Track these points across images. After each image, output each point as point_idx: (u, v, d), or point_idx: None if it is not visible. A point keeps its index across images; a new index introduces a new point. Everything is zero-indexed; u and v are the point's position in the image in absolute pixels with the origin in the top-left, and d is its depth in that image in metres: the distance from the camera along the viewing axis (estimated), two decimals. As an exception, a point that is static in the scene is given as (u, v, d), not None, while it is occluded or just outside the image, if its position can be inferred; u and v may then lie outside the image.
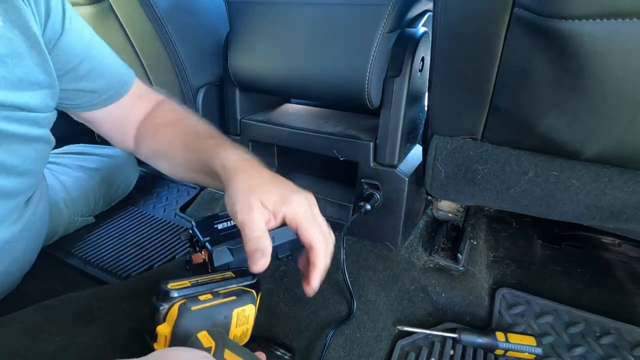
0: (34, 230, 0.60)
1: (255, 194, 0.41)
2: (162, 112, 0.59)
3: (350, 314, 0.57)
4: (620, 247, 0.72)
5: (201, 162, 0.50)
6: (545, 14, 0.35)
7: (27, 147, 0.49)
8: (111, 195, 0.87)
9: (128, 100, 0.58)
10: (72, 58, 0.50)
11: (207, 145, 0.50)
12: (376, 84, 0.61)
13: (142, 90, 0.60)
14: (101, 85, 0.54)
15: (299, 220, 0.41)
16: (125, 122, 0.59)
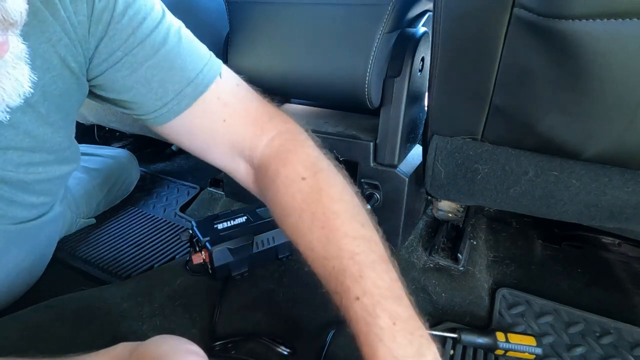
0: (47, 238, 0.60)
1: None
2: (282, 183, 0.42)
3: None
4: (620, 247, 0.72)
5: (343, 314, 0.37)
6: (545, 14, 0.35)
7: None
8: (112, 195, 0.87)
9: (205, 119, 0.44)
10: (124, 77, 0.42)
11: (353, 312, 0.36)
12: (376, 84, 0.61)
13: (232, 113, 0.45)
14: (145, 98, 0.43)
15: None
16: (223, 149, 0.47)
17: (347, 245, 0.37)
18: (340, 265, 0.37)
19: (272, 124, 0.46)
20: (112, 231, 0.81)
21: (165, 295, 0.59)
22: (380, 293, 0.35)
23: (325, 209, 0.39)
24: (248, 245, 0.64)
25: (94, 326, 0.52)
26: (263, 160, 0.45)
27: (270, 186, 0.43)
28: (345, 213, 0.40)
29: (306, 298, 0.61)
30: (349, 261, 0.36)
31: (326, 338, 0.53)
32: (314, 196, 0.40)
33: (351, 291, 0.35)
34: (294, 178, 0.41)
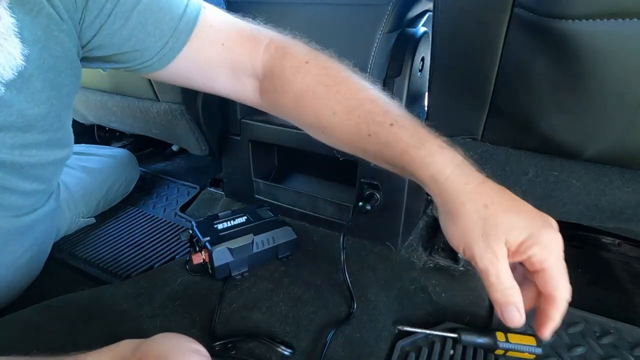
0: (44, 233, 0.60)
1: (498, 235, 0.34)
2: (290, 72, 0.45)
3: (350, 314, 0.57)
4: (620, 247, 0.72)
5: (386, 156, 0.41)
6: (546, 14, 0.35)
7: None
8: (112, 195, 0.87)
9: (208, 50, 0.46)
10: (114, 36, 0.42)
11: (395, 137, 0.39)
12: (376, 84, 0.62)
13: (228, 36, 0.47)
14: (147, 43, 0.43)
15: (548, 267, 0.35)
16: (227, 72, 0.48)
17: (365, 94, 0.42)
18: (364, 110, 0.41)
19: (262, 35, 0.48)
20: (112, 231, 0.81)
21: (165, 295, 0.60)
22: (407, 117, 0.40)
23: (335, 77, 0.44)
24: (248, 245, 0.64)
25: (94, 326, 0.52)
26: (266, 66, 0.47)
27: (278, 83, 0.46)
28: (353, 76, 0.44)
29: (306, 298, 0.61)
30: (370, 104, 0.41)
31: (326, 338, 0.53)
32: (321, 72, 0.44)
33: (383, 123, 0.39)
34: (298, 65, 0.45)
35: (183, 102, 0.81)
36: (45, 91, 0.43)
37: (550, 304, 0.36)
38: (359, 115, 0.41)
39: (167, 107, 0.84)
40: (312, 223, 0.80)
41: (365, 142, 0.42)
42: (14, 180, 0.46)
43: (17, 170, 0.46)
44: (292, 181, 0.87)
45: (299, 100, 0.45)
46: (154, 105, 0.86)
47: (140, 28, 0.42)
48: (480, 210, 0.35)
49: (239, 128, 0.82)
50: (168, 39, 0.44)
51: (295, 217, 0.81)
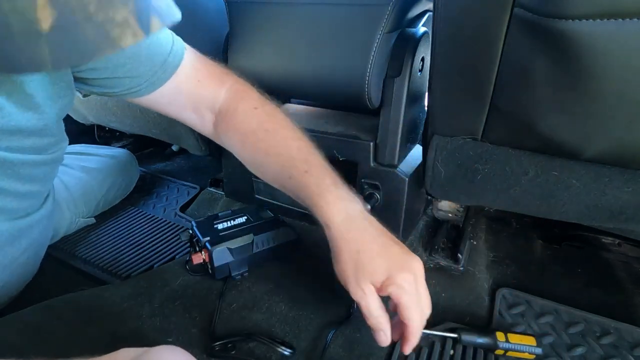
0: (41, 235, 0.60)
1: (365, 277, 0.43)
2: (242, 115, 0.54)
3: (350, 314, 0.57)
4: (620, 247, 0.72)
5: (300, 197, 0.50)
6: (545, 14, 0.35)
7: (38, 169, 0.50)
8: (112, 195, 0.87)
9: (186, 83, 0.53)
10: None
11: (307, 184, 0.48)
12: (376, 84, 0.61)
13: (203, 74, 0.54)
14: (139, 71, 0.48)
15: (402, 303, 0.42)
16: (193, 107, 0.55)
17: (294, 143, 0.51)
18: (290, 156, 0.50)
19: (227, 77, 0.57)
20: (112, 231, 0.81)
21: (165, 295, 0.60)
22: (321, 166, 0.49)
23: (275, 124, 0.53)
24: (248, 245, 0.64)
25: (94, 326, 0.52)
26: (223, 104, 0.55)
27: (230, 122, 0.55)
28: (290, 126, 0.54)
29: (306, 298, 0.61)
30: (296, 152, 0.50)
31: (326, 338, 0.53)
32: (266, 118, 0.54)
33: (300, 169, 0.48)
34: (249, 109, 0.54)
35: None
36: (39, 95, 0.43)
37: (406, 329, 0.43)
38: (285, 160, 0.50)
39: (167, 107, 0.84)
40: (312, 223, 0.80)
41: (286, 183, 0.51)
42: (6, 180, 0.46)
43: (8, 169, 0.46)
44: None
45: (243, 138, 0.54)
46: (154, 105, 0.86)
47: (134, 57, 0.47)
48: (353, 256, 0.44)
49: (239, 128, 0.82)
50: (157, 70, 0.49)
51: (295, 217, 0.81)
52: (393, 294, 0.42)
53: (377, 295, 0.43)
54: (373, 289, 0.43)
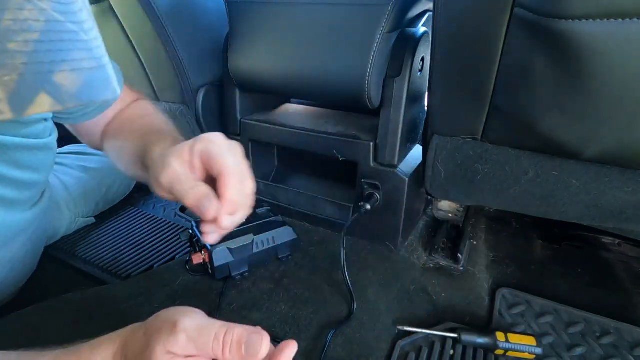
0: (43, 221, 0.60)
1: (170, 154, 0.38)
2: (130, 109, 0.59)
3: (350, 313, 0.57)
4: (620, 247, 0.72)
5: (139, 155, 0.47)
6: (546, 14, 0.35)
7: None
8: (112, 195, 0.87)
9: (110, 112, 0.58)
10: None
11: (148, 139, 0.46)
12: (376, 84, 0.61)
13: (121, 100, 0.60)
14: None
15: (209, 150, 0.36)
16: (97, 122, 0.59)
17: (157, 121, 0.54)
18: (150, 128, 0.51)
19: (131, 97, 0.61)
20: (112, 231, 0.81)
21: (165, 295, 0.60)
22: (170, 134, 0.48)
23: (151, 114, 0.56)
24: (248, 245, 0.64)
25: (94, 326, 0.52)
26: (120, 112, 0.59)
27: (118, 117, 0.58)
28: (161, 118, 0.56)
29: (306, 298, 0.61)
30: (157, 125, 0.52)
31: (326, 338, 0.53)
32: (146, 111, 0.57)
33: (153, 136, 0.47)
34: (136, 105, 0.59)
35: (183, 102, 0.81)
36: None
37: (219, 181, 0.36)
38: (141, 126, 0.52)
39: (167, 107, 0.84)
40: (312, 223, 0.80)
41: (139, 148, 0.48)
42: (5, 166, 0.47)
43: (4, 154, 0.46)
44: (292, 181, 0.87)
45: (121, 125, 0.56)
46: (154, 105, 0.86)
47: None
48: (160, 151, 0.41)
49: (239, 128, 0.82)
50: (98, 106, 0.55)
51: (295, 217, 0.81)
52: (202, 150, 0.37)
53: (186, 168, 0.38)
54: (180, 159, 0.38)
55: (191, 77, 0.78)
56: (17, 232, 0.53)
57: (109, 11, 0.70)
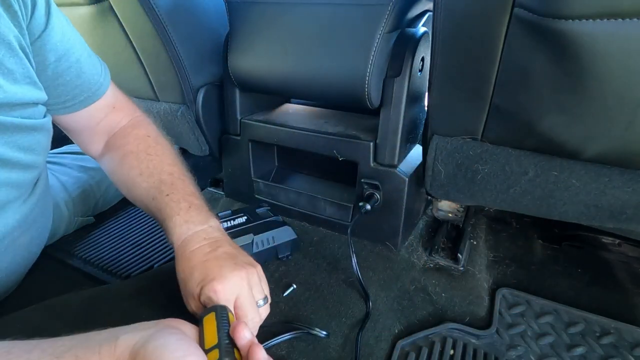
0: (40, 219, 0.60)
1: (187, 292, 0.46)
2: (133, 137, 0.58)
3: (367, 313, 0.58)
4: (620, 247, 0.72)
5: (157, 217, 0.52)
6: (545, 14, 0.35)
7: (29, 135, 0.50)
8: (111, 194, 0.87)
9: (102, 108, 0.58)
10: (54, 53, 0.49)
11: (163, 206, 0.51)
12: (376, 84, 0.61)
13: (118, 101, 0.60)
14: (78, 85, 0.53)
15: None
16: (95, 129, 0.59)
17: (169, 169, 0.54)
18: (159, 179, 0.53)
19: (133, 109, 0.62)
20: (112, 231, 0.81)
21: (165, 295, 0.59)
22: (184, 191, 0.52)
23: (159, 150, 0.57)
24: (248, 245, 0.64)
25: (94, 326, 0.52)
26: (121, 129, 0.59)
27: (120, 141, 0.58)
28: (172, 154, 0.58)
29: (306, 298, 0.61)
30: (166, 176, 0.53)
31: (356, 339, 0.53)
32: (152, 144, 0.57)
33: (164, 192, 0.51)
34: (141, 135, 0.58)
35: (183, 102, 0.81)
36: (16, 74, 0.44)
37: None
38: (154, 181, 0.53)
39: (167, 107, 0.84)
40: (312, 223, 0.80)
41: (150, 204, 0.53)
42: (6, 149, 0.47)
43: (4, 134, 0.46)
44: (292, 181, 0.87)
45: (124, 158, 0.56)
46: (154, 105, 0.86)
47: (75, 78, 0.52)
48: (183, 275, 0.47)
49: (239, 128, 0.82)
50: (92, 93, 0.55)
51: (295, 217, 0.81)
52: (205, 302, 0.43)
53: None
54: (197, 303, 0.44)
55: (191, 77, 0.78)
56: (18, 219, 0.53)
57: (109, 11, 0.70)
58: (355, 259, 0.63)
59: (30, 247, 0.59)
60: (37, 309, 0.53)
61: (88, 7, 0.71)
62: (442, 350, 0.52)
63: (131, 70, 0.81)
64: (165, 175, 0.53)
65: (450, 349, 0.53)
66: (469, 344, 0.54)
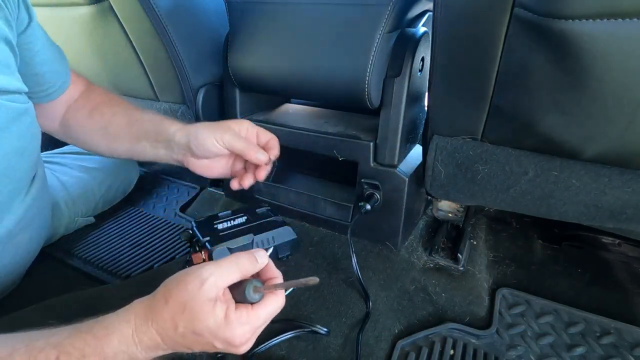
0: (38, 217, 0.60)
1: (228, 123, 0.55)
2: (94, 94, 0.63)
3: (368, 313, 0.58)
4: (620, 247, 0.71)
5: (146, 131, 0.57)
6: (545, 14, 0.35)
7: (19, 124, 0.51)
8: (111, 195, 0.87)
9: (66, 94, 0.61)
10: (36, 44, 0.53)
11: (153, 117, 0.58)
12: (376, 84, 0.61)
13: (72, 77, 0.63)
14: (56, 73, 0.58)
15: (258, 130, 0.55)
16: (52, 105, 0.61)
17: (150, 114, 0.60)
18: (135, 109, 0.61)
19: (82, 81, 0.65)
20: (112, 231, 0.81)
21: (165, 295, 0.59)
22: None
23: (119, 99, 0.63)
24: (248, 245, 0.64)
25: (94, 326, 0.52)
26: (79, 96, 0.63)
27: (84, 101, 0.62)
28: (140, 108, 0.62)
29: (306, 298, 0.61)
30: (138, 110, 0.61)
31: (356, 340, 0.53)
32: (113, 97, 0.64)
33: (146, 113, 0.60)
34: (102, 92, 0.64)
35: (183, 102, 0.81)
36: None
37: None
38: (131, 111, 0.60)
39: (167, 107, 0.84)
40: (312, 223, 0.80)
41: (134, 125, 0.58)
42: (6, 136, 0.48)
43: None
44: (292, 181, 0.87)
45: (92, 110, 0.60)
46: (154, 105, 0.86)
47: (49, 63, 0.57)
48: None
49: (239, 128, 0.82)
50: (64, 81, 0.60)
51: (295, 217, 0.81)
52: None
53: None
54: None
55: (191, 77, 0.78)
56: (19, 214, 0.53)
57: (109, 11, 0.70)
58: (355, 259, 0.63)
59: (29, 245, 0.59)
60: (36, 309, 0.53)
61: (88, 7, 0.71)
62: (442, 350, 0.52)
63: (131, 70, 0.81)
64: (137, 110, 0.60)
65: (450, 349, 0.53)
66: (469, 344, 0.54)
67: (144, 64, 0.79)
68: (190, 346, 0.35)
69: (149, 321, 0.34)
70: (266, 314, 0.36)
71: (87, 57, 0.82)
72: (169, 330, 0.34)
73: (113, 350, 0.34)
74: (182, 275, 0.36)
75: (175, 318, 0.34)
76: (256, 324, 0.36)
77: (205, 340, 0.34)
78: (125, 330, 0.34)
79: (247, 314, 0.35)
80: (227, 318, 0.34)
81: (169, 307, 0.34)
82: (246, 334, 0.35)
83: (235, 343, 0.35)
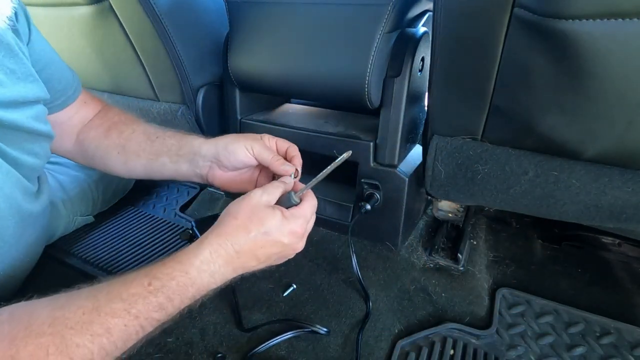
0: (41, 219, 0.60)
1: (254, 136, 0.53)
2: (110, 114, 0.62)
3: (367, 313, 0.58)
4: (620, 247, 0.72)
5: (167, 146, 0.56)
6: (546, 14, 0.35)
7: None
8: (110, 193, 0.87)
9: (74, 105, 0.60)
10: (40, 57, 0.53)
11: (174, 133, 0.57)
12: (376, 84, 0.61)
13: (87, 97, 0.63)
14: (61, 87, 0.57)
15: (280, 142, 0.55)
16: (66, 125, 0.61)
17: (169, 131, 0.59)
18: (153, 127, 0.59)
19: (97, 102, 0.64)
20: (112, 231, 0.81)
21: (165, 295, 0.59)
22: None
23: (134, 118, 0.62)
24: (248, 245, 0.63)
25: (94, 326, 0.52)
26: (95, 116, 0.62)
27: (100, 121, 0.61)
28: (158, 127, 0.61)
29: (306, 298, 0.61)
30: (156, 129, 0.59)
31: (357, 339, 0.53)
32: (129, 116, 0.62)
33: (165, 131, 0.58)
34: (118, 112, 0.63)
35: (183, 102, 0.81)
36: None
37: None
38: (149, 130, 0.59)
39: (167, 107, 0.84)
40: (312, 223, 0.80)
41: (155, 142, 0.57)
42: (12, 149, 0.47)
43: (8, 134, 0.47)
44: (292, 181, 0.86)
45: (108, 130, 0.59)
46: (154, 105, 0.86)
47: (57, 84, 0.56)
48: None
49: (239, 128, 0.82)
50: (72, 93, 0.59)
51: (295, 217, 0.81)
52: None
53: None
54: None
55: (191, 77, 0.78)
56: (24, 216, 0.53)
57: (109, 11, 0.70)
58: (355, 258, 0.63)
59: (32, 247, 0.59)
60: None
61: (88, 7, 0.71)
62: (442, 350, 0.52)
63: (131, 70, 0.81)
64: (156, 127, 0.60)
65: (450, 349, 0.53)
66: (469, 344, 0.54)
67: (144, 64, 0.79)
68: (261, 251, 0.42)
69: (223, 236, 0.41)
70: (310, 207, 0.47)
71: (87, 57, 0.82)
72: (242, 237, 0.41)
73: (196, 270, 0.41)
74: (240, 199, 0.44)
75: (247, 224, 0.41)
76: (306, 216, 0.45)
77: (273, 238, 0.42)
78: (205, 251, 0.41)
79: (297, 210, 0.45)
80: (284, 216, 0.43)
81: (239, 220, 0.42)
82: (303, 225, 0.44)
83: (298, 232, 0.44)
